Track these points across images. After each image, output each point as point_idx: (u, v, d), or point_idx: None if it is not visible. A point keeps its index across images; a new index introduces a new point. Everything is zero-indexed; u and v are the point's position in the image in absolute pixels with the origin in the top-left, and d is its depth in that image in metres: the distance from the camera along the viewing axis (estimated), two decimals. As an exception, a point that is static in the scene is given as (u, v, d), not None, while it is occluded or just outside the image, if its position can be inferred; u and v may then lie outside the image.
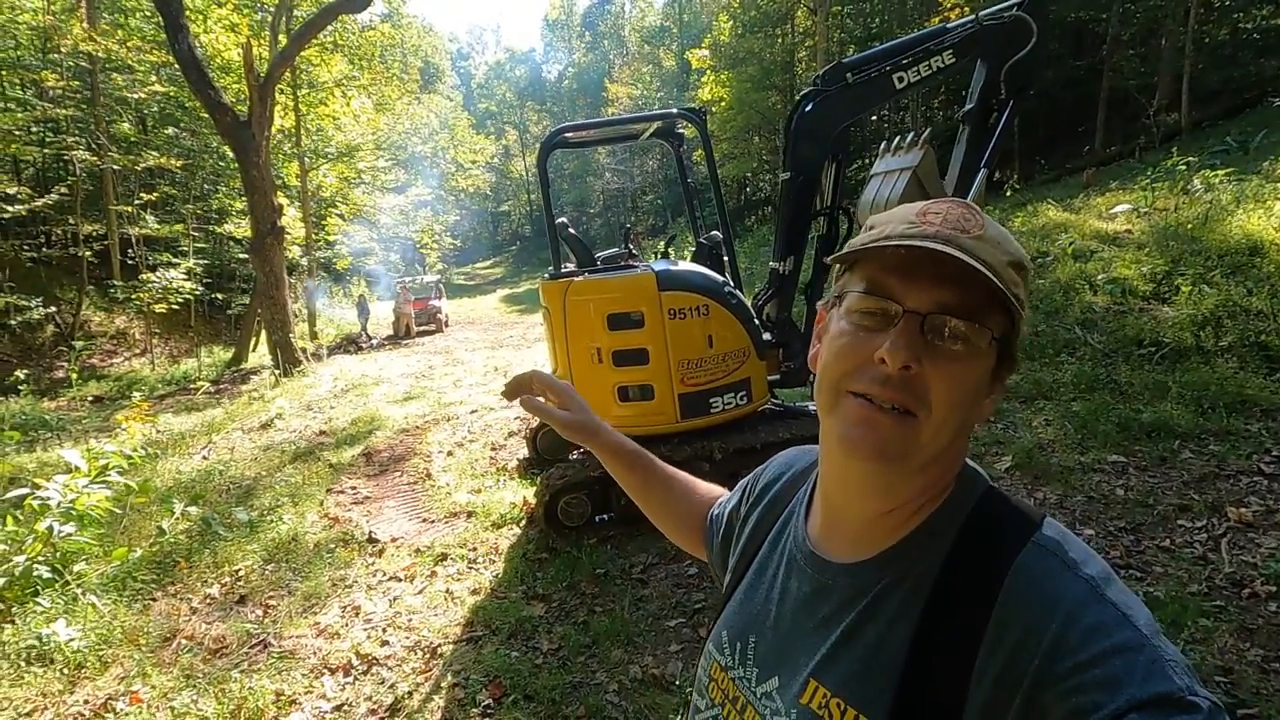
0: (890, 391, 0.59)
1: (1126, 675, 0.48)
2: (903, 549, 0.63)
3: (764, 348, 4.38)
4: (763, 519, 0.84)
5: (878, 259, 0.62)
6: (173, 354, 17.30)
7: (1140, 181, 8.82)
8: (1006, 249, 0.60)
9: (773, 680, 0.68)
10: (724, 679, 0.75)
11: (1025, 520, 0.61)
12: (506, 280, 37.92)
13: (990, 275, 0.56)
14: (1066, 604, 0.53)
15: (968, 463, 0.66)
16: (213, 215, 18.20)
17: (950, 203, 0.62)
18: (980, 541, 0.61)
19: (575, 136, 4.84)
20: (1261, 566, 2.99)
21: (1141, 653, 0.50)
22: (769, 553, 0.78)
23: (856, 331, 0.62)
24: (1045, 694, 0.50)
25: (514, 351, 12.17)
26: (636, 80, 38.53)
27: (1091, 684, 0.49)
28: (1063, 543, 0.58)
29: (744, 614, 0.76)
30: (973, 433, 0.65)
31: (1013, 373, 0.63)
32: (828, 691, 0.62)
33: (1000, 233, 0.61)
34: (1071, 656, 0.50)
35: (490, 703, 2.73)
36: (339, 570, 4.03)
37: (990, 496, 0.64)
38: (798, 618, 0.69)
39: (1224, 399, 4.41)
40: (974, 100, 4.16)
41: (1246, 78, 15.43)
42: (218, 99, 10.93)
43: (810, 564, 0.70)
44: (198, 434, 7.58)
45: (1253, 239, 6.35)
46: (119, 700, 2.85)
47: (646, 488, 1.06)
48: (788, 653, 0.68)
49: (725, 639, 0.76)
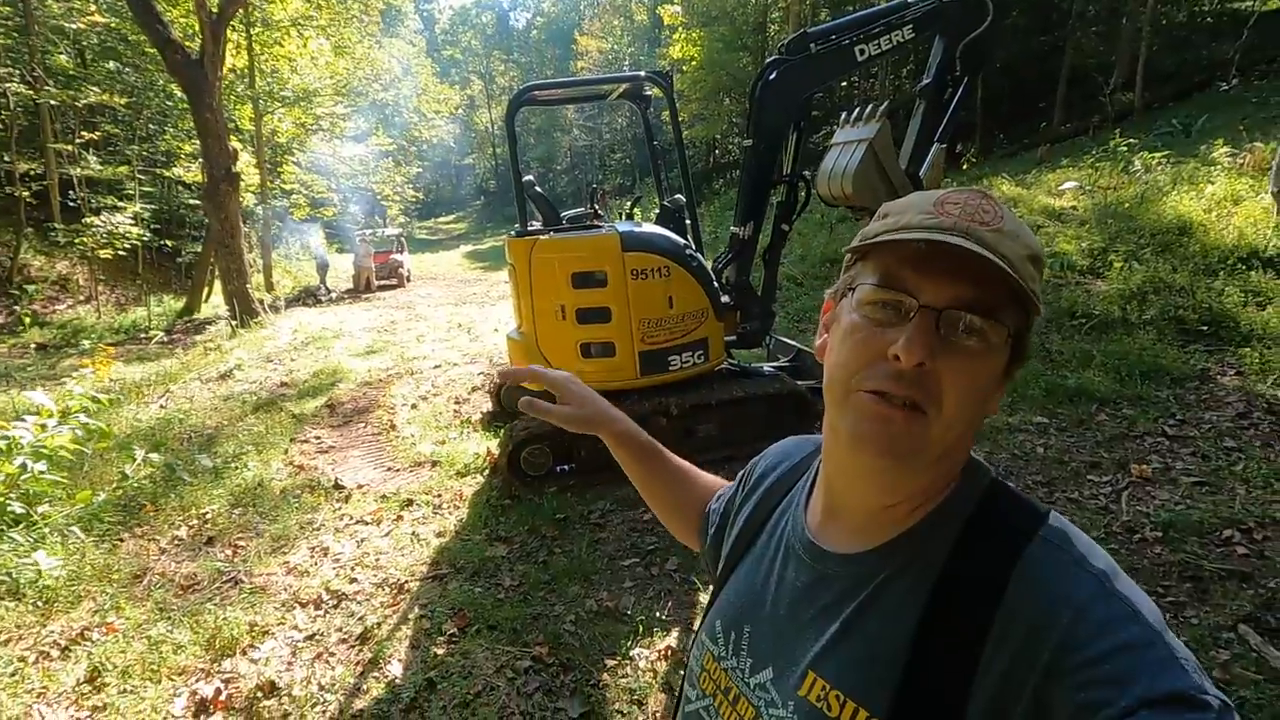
0: (903, 388, 0.58)
1: (1137, 672, 0.48)
2: (906, 540, 0.63)
3: (722, 310, 4.57)
4: (758, 508, 0.83)
5: (893, 250, 0.60)
6: (120, 302, 16.70)
7: (1087, 160, 9.19)
8: (1025, 241, 0.59)
9: (766, 671, 0.68)
10: (716, 669, 0.74)
11: (1031, 514, 0.60)
12: (470, 236, 37.27)
13: (1010, 271, 0.55)
14: (1076, 599, 0.53)
15: (973, 455, 0.66)
16: (160, 158, 17.37)
17: (969, 193, 0.61)
18: (986, 535, 0.60)
19: (544, 95, 4.88)
20: (1153, 515, 3.35)
21: (1152, 649, 0.50)
22: (765, 542, 0.77)
23: (869, 325, 0.61)
24: (1054, 689, 0.50)
25: (478, 308, 12.16)
26: (607, 33, 37.61)
27: (1102, 680, 0.49)
28: (1069, 537, 0.58)
29: (738, 604, 0.75)
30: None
31: (1023, 365, 0.63)
32: (827, 683, 0.61)
33: (1017, 224, 0.60)
34: (1081, 652, 0.50)
35: (455, 632, 2.94)
36: (306, 515, 4.16)
37: (995, 490, 0.64)
38: (795, 608, 0.68)
39: (1140, 368, 4.80)
40: (931, 75, 4.32)
41: (1199, 61, 15.93)
42: (166, 34, 10.42)
43: (809, 554, 0.69)
44: (153, 383, 7.48)
45: (1183, 219, 6.75)
46: (94, 631, 2.97)
47: (652, 478, 1.04)
48: (783, 643, 0.67)
49: (719, 628, 0.76)
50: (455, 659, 2.77)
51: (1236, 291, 5.38)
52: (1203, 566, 2.94)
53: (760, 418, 4.45)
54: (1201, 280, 5.68)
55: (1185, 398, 4.51)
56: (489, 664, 2.73)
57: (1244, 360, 4.71)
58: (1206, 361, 4.83)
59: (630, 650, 2.79)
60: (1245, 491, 3.46)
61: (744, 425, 4.45)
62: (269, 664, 2.81)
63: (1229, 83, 13.66)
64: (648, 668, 2.70)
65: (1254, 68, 13.46)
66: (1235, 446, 3.89)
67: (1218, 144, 8.12)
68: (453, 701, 2.54)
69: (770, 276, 4.87)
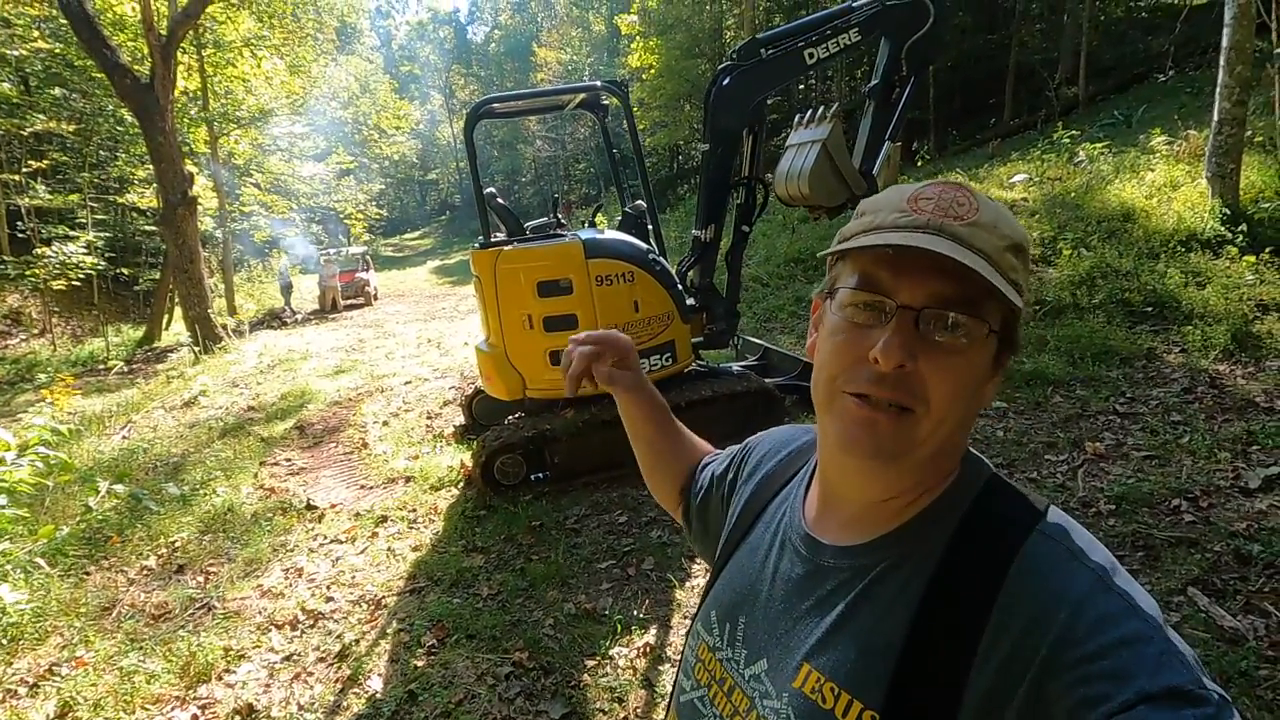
0: (886, 390, 0.58)
1: (1136, 667, 0.48)
2: (903, 534, 0.63)
3: (688, 312, 4.64)
4: (754, 498, 0.82)
5: (869, 251, 0.60)
6: (75, 334, 16.26)
7: (1035, 153, 9.50)
8: (1003, 231, 0.58)
9: (761, 662, 0.67)
10: (711, 660, 0.74)
11: (1029, 508, 0.60)
12: (437, 251, 36.97)
13: (984, 265, 0.55)
14: (1074, 593, 0.52)
15: (971, 450, 0.66)
16: (112, 185, 16.98)
17: (943, 186, 0.60)
18: (984, 528, 0.60)
19: (502, 107, 4.92)
20: (1106, 490, 3.49)
21: (1151, 644, 0.49)
22: (761, 533, 0.77)
23: (850, 328, 0.61)
24: (1052, 684, 0.50)
25: (447, 323, 12.09)
26: (565, 45, 37.78)
27: (1100, 675, 0.48)
28: (1068, 531, 0.58)
29: (734, 594, 0.75)
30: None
31: (1015, 355, 0.62)
32: (821, 675, 0.61)
33: (996, 214, 0.59)
34: (1079, 647, 0.50)
35: (434, 643, 2.94)
36: (279, 537, 4.11)
37: (994, 484, 0.63)
38: (790, 600, 0.68)
39: (1091, 350, 4.98)
40: (878, 76, 4.46)
41: (1137, 54, 16.55)
42: (115, 59, 10.23)
43: (806, 546, 0.69)
44: (115, 414, 7.31)
45: (1126, 206, 7.02)
46: (63, 666, 2.91)
47: (656, 441, 1.04)
48: (778, 635, 0.67)
49: (714, 619, 0.76)
50: (435, 670, 2.77)
51: (1177, 273, 5.61)
52: (1153, 535, 3.07)
53: (730, 416, 4.53)
54: (1145, 264, 5.92)
55: (1134, 376, 4.69)
56: (469, 673, 2.74)
57: (1187, 338, 4.92)
58: (1153, 341, 5.04)
59: (609, 650, 2.82)
60: (1191, 462, 3.62)
61: (714, 424, 4.51)
62: (246, 687, 2.78)
63: (1166, 74, 14.22)
64: (627, 665, 2.74)
65: (1188, 59, 14.03)
66: (1181, 420, 4.06)
67: (1155, 133, 8.45)
68: (434, 712, 2.55)
69: (734, 278, 4.95)
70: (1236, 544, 2.92)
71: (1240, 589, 2.70)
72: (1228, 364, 4.60)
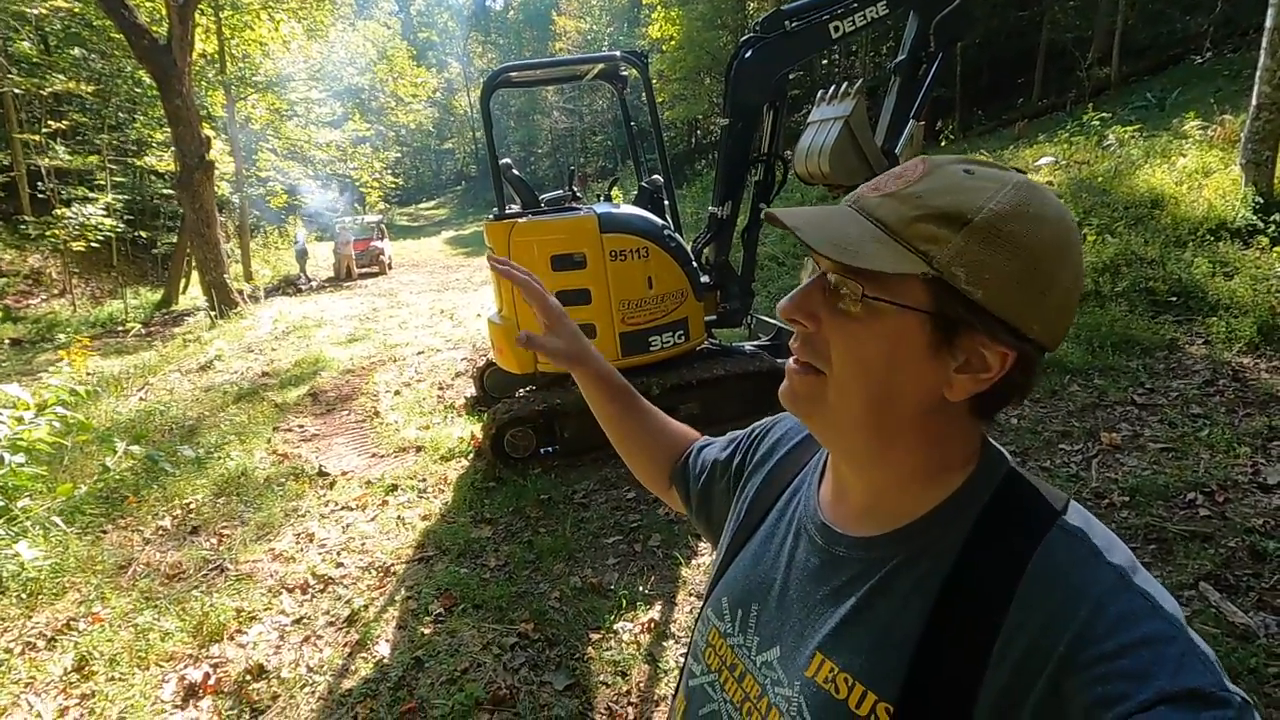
0: (799, 350, 0.62)
1: (1156, 667, 0.47)
2: (920, 527, 0.62)
3: (702, 289, 4.60)
4: (768, 485, 0.82)
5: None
6: (95, 295, 16.43)
7: (1062, 135, 9.26)
8: (930, 202, 0.55)
9: (773, 650, 0.68)
10: (722, 645, 0.74)
11: (1049, 504, 0.59)
12: (451, 221, 36.90)
13: (846, 239, 0.56)
14: (1094, 591, 0.52)
15: (992, 444, 0.64)
16: (131, 147, 17.01)
17: (913, 161, 0.60)
18: (1002, 523, 0.59)
19: (519, 77, 4.84)
20: (1121, 481, 3.45)
21: (1172, 645, 0.48)
22: (776, 520, 0.77)
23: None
24: (1069, 682, 0.49)
25: (460, 294, 12.10)
26: (585, 13, 37.12)
27: (1119, 674, 0.47)
28: (1087, 529, 0.57)
29: (747, 581, 0.75)
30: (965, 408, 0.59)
31: (964, 337, 0.56)
32: (835, 665, 0.61)
33: (937, 185, 0.57)
34: (1098, 645, 0.49)
35: (442, 611, 2.98)
36: (291, 502, 4.17)
37: (1013, 479, 0.62)
38: (805, 588, 0.68)
39: (1112, 339, 4.89)
40: (905, 52, 4.34)
41: (1173, 35, 16.02)
42: (132, 19, 10.18)
43: (821, 535, 0.69)
44: (132, 376, 7.41)
45: (1155, 192, 6.84)
46: (80, 621, 2.98)
47: (622, 420, 1.05)
48: (791, 623, 0.67)
49: (725, 605, 0.76)
50: (442, 638, 2.81)
51: (1205, 262, 5.48)
52: (1166, 529, 3.04)
53: (741, 396, 4.50)
54: (1172, 252, 5.78)
55: (1154, 367, 4.61)
56: (475, 642, 2.77)
57: (1211, 330, 4.81)
58: (1175, 331, 4.94)
59: (614, 624, 2.84)
60: (1209, 456, 3.56)
61: (726, 404, 4.49)
62: (257, 648, 2.84)
63: (1203, 56, 13.76)
64: (631, 640, 2.76)
65: (1226, 40, 13.55)
66: (1201, 413, 3.99)
67: (1189, 116, 8.20)
68: (440, 678, 2.59)
69: (749, 256, 4.90)
70: (1252, 540, 2.88)
71: (1253, 585, 2.67)
72: (1252, 357, 4.50)
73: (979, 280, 0.54)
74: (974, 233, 0.54)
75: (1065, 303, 0.57)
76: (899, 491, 0.63)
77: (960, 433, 0.62)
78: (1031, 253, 0.54)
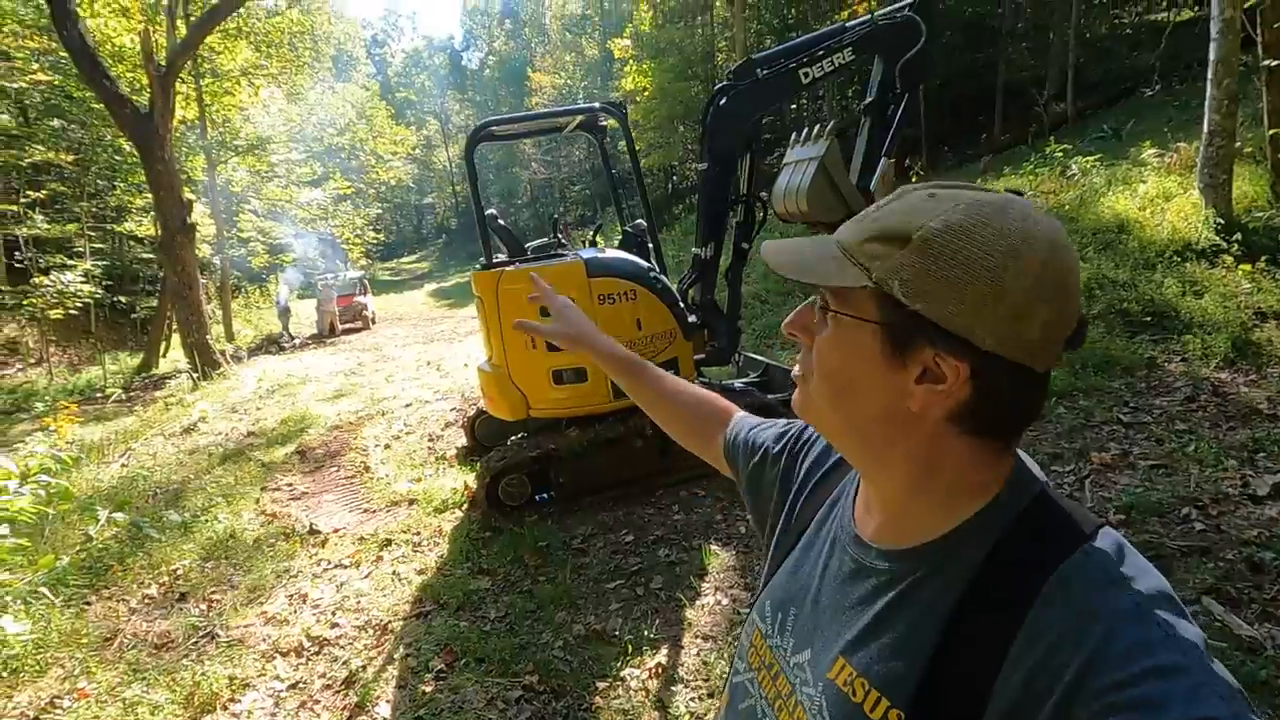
0: (799, 363, 0.70)
1: (1168, 698, 0.46)
2: (945, 544, 0.63)
3: (690, 329, 4.65)
4: (813, 496, 0.86)
5: None
6: (73, 362, 16.20)
7: (1027, 167, 9.60)
8: (881, 223, 0.60)
9: (806, 652, 0.71)
10: (763, 646, 0.79)
11: (1077, 527, 0.59)
12: (434, 274, 37.10)
13: (809, 259, 0.64)
14: (1109, 617, 0.51)
15: (1025, 463, 0.65)
16: (110, 213, 17.06)
17: (895, 192, 0.64)
18: (1025, 544, 0.59)
19: (501, 130, 4.96)
20: (1115, 500, 3.48)
21: (1186, 676, 0.47)
22: (815, 531, 0.81)
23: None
24: (1078, 708, 0.49)
25: (446, 345, 12.09)
26: (560, 69, 38.22)
27: (1129, 704, 0.47)
28: (1113, 555, 0.56)
29: (788, 587, 0.79)
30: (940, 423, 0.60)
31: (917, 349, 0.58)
32: (854, 670, 0.63)
33: (895, 208, 0.61)
34: (1110, 673, 0.48)
35: (443, 668, 2.90)
36: (282, 562, 4.07)
37: (1043, 500, 0.62)
38: (836, 595, 0.71)
39: (1093, 360, 4.99)
40: (873, 93, 4.51)
41: (1123, 70, 16.82)
42: (115, 90, 10.32)
43: (853, 545, 0.72)
44: (114, 442, 7.26)
45: (1120, 218, 7.09)
46: (65, 698, 2.86)
47: (638, 392, 1.14)
48: (822, 628, 0.70)
49: (768, 608, 0.80)
50: (444, 695, 2.73)
51: (1175, 283, 5.65)
52: (1165, 545, 3.06)
53: (734, 433, 4.51)
54: (1142, 274, 5.96)
55: (1136, 386, 4.70)
56: (479, 698, 2.69)
57: (1187, 347, 4.93)
58: (1153, 350, 5.06)
59: (620, 672, 2.78)
60: (1199, 471, 3.62)
61: (719, 441, 4.49)
62: (251, 716, 2.74)
63: (1152, 89, 14.44)
64: (639, 687, 2.70)
65: (1173, 73, 14.25)
66: (1186, 429, 4.06)
67: (1146, 145, 8.56)
68: (444, 738, 2.51)
69: (734, 295, 4.97)
70: (1249, 552, 2.91)
71: (1255, 597, 2.69)
72: (1229, 372, 4.61)
73: (919, 292, 0.56)
74: (913, 248, 0.56)
75: (1023, 314, 0.54)
76: (914, 506, 0.65)
77: (960, 450, 0.61)
78: (973, 264, 0.54)
